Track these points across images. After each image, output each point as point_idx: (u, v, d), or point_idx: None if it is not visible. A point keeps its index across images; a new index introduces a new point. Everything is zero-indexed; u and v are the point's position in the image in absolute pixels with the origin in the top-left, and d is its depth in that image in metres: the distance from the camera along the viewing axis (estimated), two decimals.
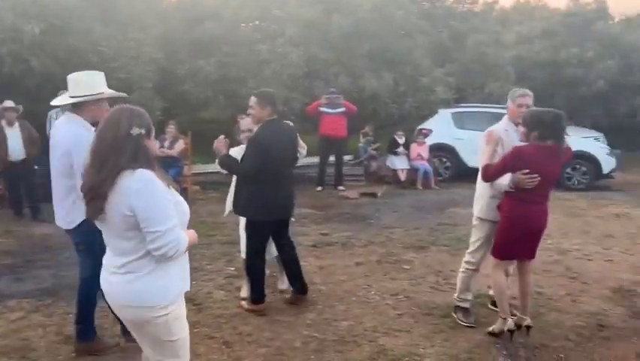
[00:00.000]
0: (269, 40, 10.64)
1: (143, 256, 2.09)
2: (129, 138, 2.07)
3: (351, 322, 3.97)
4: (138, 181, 2.03)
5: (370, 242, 6.25)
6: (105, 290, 2.24)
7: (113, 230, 2.11)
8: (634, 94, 15.30)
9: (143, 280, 2.10)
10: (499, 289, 3.77)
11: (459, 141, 10.90)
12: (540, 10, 18.75)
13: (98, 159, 2.07)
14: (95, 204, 2.06)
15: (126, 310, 2.19)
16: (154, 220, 2.02)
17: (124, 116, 2.10)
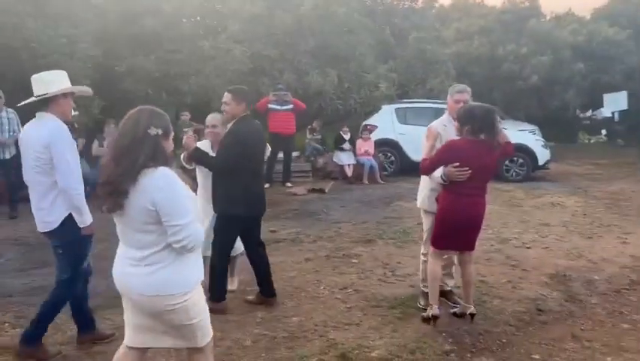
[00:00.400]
0: (211, 36, 10.47)
1: (163, 248, 2.22)
2: (147, 137, 2.20)
3: (302, 318, 3.98)
4: (160, 178, 2.17)
5: (319, 237, 6.29)
6: (122, 282, 2.32)
7: (133, 224, 2.23)
8: (565, 88, 16.12)
9: (164, 272, 2.23)
10: (432, 277, 3.88)
11: (402, 135, 11.13)
12: (477, 7, 19.40)
13: (117, 154, 2.20)
14: (114, 199, 2.18)
15: (146, 300, 2.26)
16: (175, 214, 2.17)
17: (143, 116, 2.25)
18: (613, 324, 3.96)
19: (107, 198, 2.20)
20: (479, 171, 3.62)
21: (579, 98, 16.72)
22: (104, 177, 2.23)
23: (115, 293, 4.12)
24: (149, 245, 2.23)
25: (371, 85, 11.45)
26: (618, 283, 4.79)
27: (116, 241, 2.41)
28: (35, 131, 3.17)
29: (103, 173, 2.25)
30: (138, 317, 2.36)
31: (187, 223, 2.18)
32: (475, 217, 3.76)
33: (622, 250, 5.73)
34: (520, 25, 16.81)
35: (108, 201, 2.20)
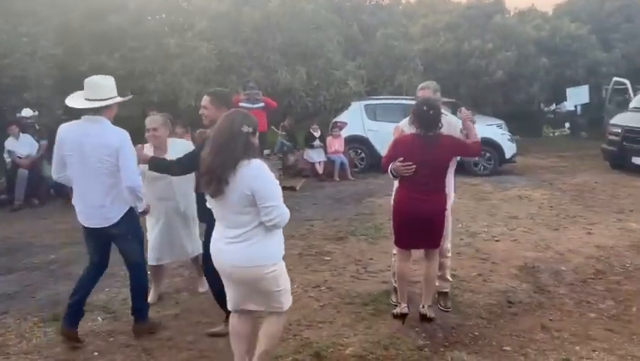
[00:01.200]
0: (177, 34, 10.32)
1: (256, 226, 2.65)
2: (241, 134, 2.62)
3: None
4: (255, 168, 2.61)
5: (291, 236, 6.22)
6: (220, 258, 2.75)
7: (232, 207, 2.64)
8: (530, 82, 16.45)
9: (257, 245, 2.66)
10: (399, 276, 3.92)
11: (372, 132, 11.17)
12: (443, 3, 19.61)
13: (215, 149, 2.62)
14: (216, 186, 2.59)
15: (243, 271, 2.69)
16: (269, 197, 2.60)
17: (237, 116, 2.71)
18: (580, 314, 4.06)
19: (209, 185, 2.63)
20: (423, 167, 3.64)
21: (543, 93, 17.08)
22: (204, 167, 2.65)
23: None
24: (245, 224, 2.65)
25: (340, 82, 11.46)
26: (584, 273, 4.91)
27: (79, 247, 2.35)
28: (104, 134, 3.37)
29: (203, 164, 2.66)
30: (234, 286, 2.81)
31: (278, 205, 2.63)
32: (426, 213, 3.70)
33: (587, 241, 5.88)
34: (485, 21, 17.06)
35: (211, 188, 2.62)
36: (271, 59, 10.90)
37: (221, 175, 2.57)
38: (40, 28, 9.56)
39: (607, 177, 9.93)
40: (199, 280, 4.45)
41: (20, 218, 7.45)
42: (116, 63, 9.99)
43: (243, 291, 2.81)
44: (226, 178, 2.57)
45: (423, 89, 4.08)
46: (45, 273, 5.03)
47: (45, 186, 8.35)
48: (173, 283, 4.69)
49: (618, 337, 3.68)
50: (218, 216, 2.75)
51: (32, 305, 4.22)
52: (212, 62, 10.14)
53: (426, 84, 4.15)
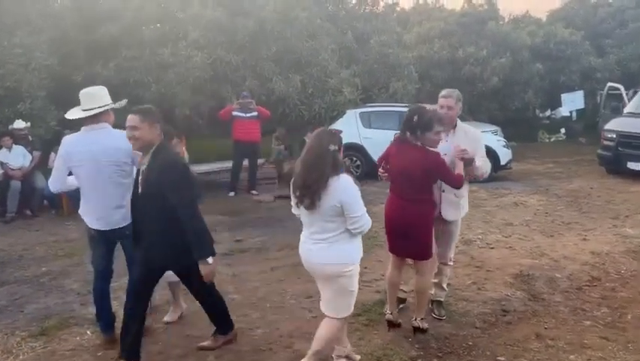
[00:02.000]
0: (171, 43, 10.29)
1: (342, 232, 3.01)
2: (328, 153, 2.96)
3: (266, 329, 3.91)
4: (344, 182, 2.97)
5: (286, 245, 6.20)
6: (309, 256, 3.10)
7: (321, 217, 3.00)
8: (524, 89, 16.48)
9: (340, 247, 3.03)
10: (387, 283, 3.92)
11: (367, 139, 11.17)
12: (437, 11, 19.65)
13: (307, 167, 2.99)
14: (310, 200, 2.95)
15: (327, 267, 3.05)
16: (355, 208, 2.97)
17: (325, 136, 3.06)
18: (575, 321, 4.03)
19: (303, 199, 2.99)
20: (400, 175, 3.64)
21: (538, 99, 17.10)
22: (299, 182, 3.01)
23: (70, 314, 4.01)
24: (331, 230, 3.01)
25: (335, 90, 11.43)
26: (579, 280, 4.89)
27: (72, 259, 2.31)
28: (115, 141, 3.48)
29: (297, 180, 3.03)
30: (318, 281, 3.20)
31: (362, 215, 2.99)
32: (402, 222, 3.62)
33: (582, 248, 5.85)
34: (479, 28, 17.11)
35: (305, 202, 2.98)
36: (265, 68, 10.87)
37: (315, 191, 2.92)
38: (33, 39, 9.52)
39: (602, 182, 9.92)
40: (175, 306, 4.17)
41: (12, 230, 7.39)
42: (111, 73, 9.95)
43: (322, 288, 3.19)
44: (319, 193, 2.92)
45: (445, 98, 3.88)
46: (35, 286, 4.98)
47: (38, 197, 8.30)
48: (164, 295, 4.63)
49: (613, 345, 3.65)
50: (307, 222, 3.11)
51: (21, 320, 4.17)
52: (207, 71, 10.10)
53: (448, 92, 3.92)
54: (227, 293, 4.61)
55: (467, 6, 18.31)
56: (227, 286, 4.79)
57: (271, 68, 10.91)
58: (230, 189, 9.79)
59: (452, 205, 3.90)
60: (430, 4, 20.44)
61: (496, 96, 16.39)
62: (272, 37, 10.86)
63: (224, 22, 10.51)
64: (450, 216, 3.91)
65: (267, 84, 10.78)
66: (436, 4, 20.30)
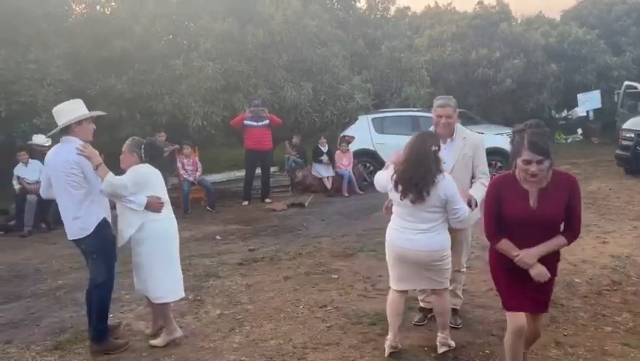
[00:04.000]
0: (183, 55, 10.38)
1: (442, 222, 3.40)
2: (431, 152, 3.28)
3: (280, 340, 3.87)
4: (447, 180, 3.32)
5: (299, 254, 6.18)
6: (408, 245, 3.39)
7: (426, 208, 3.32)
8: (539, 89, 16.31)
9: (439, 236, 3.40)
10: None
11: (380, 145, 11.12)
12: (449, 14, 19.59)
13: (413, 164, 3.28)
14: (416, 193, 3.27)
15: (427, 254, 3.38)
16: (457, 200, 3.36)
17: (427, 138, 3.37)
18: (595, 327, 3.92)
19: (409, 192, 3.29)
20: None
21: (554, 99, 16.92)
22: (403, 179, 3.29)
23: (84, 327, 4.02)
24: (433, 220, 3.36)
25: (346, 96, 11.42)
26: (599, 284, 4.77)
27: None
28: (64, 153, 3.68)
29: (402, 176, 3.31)
30: (406, 268, 3.47)
31: (462, 206, 3.38)
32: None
33: (601, 251, 5.72)
34: (491, 30, 17.00)
35: (410, 195, 3.28)
36: (277, 76, 10.91)
37: (422, 187, 3.24)
38: (48, 55, 9.68)
39: (621, 183, 9.74)
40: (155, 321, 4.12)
41: (29, 244, 7.47)
42: (124, 86, 10.07)
43: (417, 273, 3.46)
44: (427, 189, 3.25)
45: (443, 107, 3.71)
46: (51, 300, 5.01)
47: (54, 211, 8.37)
48: (178, 306, 4.63)
49: (636, 352, 3.54)
50: (407, 213, 3.39)
51: (36, 334, 4.18)
52: (219, 81, 10.17)
53: (445, 101, 3.75)
54: (241, 304, 4.60)
55: (479, 8, 18.21)
56: (241, 297, 4.78)
57: (282, 76, 10.94)
58: (244, 198, 9.80)
59: None
60: (442, 7, 20.37)
61: (510, 98, 16.25)
62: (282, 46, 10.90)
63: (235, 33, 10.57)
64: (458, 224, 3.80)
65: (279, 92, 10.82)
66: (447, 7, 20.22)
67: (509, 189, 2.91)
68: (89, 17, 11.37)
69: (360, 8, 14.27)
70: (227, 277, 5.39)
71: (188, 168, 9.31)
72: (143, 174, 3.78)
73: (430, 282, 3.51)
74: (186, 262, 5.92)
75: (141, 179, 3.74)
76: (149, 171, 3.85)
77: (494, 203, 2.96)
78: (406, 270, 3.49)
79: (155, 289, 3.79)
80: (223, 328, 4.13)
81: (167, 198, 3.93)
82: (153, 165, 3.92)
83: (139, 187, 3.71)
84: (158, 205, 3.78)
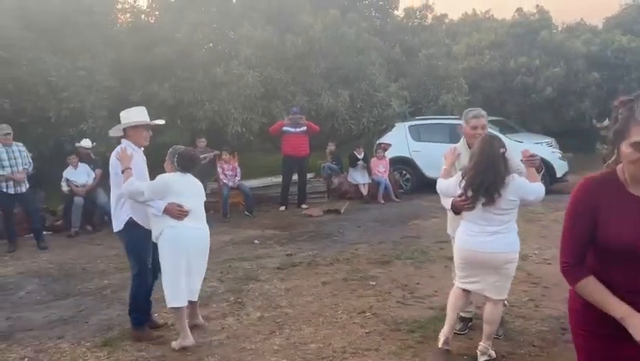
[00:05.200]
0: (224, 63, 10.61)
1: (511, 224, 3.47)
2: (500, 155, 3.33)
3: (320, 344, 3.93)
4: (517, 180, 3.38)
5: (336, 260, 6.24)
6: (481, 247, 3.43)
7: (497, 210, 3.38)
8: (580, 98, 15.96)
9: (510, 237, 3.46)
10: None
11: (417, 153, 11.11)
12: (487, 21, 19.41)
13: (483, 168, 3.32)
14: (490, 197, 3.32)
15: (499, 256, 3.43)
16: (529, 192, 3.43)
17: (495, 141, 3.41)
18: None
19: (480, 197, 3.35)
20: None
21: (595, 108, 16.50)
22: (476, 183, 3.33)
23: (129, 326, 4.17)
24: (504, 222, 3.42)
25: (383, 103, 11.46)
26: None
27: None
28: (113, 154, 4.09)
29: (473, 181, 3.35)
30: (473, 270, 3.53)
31: (536, 193, 3.45)
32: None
33: None
34: (531, 38, 16.74)
35: (484, 199, 3.34)
36: (314, 84, 11.04)
37: (493, 190, 3.30)
38: (95, 63, 10.04)
39: None
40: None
41: (76, 244, 7.76)
42: (166, 92, 10.35)
43: (484, 276, 3.50)
44: (498, 191, 3.31)
45: (477, 118, 3.75)
46: (98, 298, 5.20)
47: (99, 213, 8.68)
48: (220, 308, 4.75)
49: None
50: (479, 216, 3.43)
51: (86, 330, 4.36)
52: (258, 88, 10.36)
53: (478, 112, 3.80)
54: (281, 307, 4.69)
55: (518, 15, 17.97)
56: (280, 301, 4.86)
57: (320, 84, 11.06)
58: (281, 204, 9.92)
59: None
60: (479, 14, 20.19)
61: (550, 106, 15.95)
62: (320, 54, 11.02)
63: (274, 41, 10.76)
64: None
65: (316, 100, 10.94)
66: (485, 15, 20.03)
67: (611, 196, 1.85)
68: (133, 26, 11.75)
69: (398, 16, 14.33)
70: (267, 280, 5.49)
71: (228, 173, 9.51)
72: (163, 183, 3.92)
73: (494, 288, 3.52)
74: (226, 265, 6.07)
75: (161, 187, 3.89)
76: (174, 178, 3.97)
77: (583, 217, 1.89)
78: (473, 272, 3.55)
79: (166, 293, 3.90)
80: (263, 330, 4.22)
81: (196, 207, 3.98)
82: (190, 174, 4.07)
83: (160, 195, 3.87)
84: (177, 212, 3.85)
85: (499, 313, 3.60)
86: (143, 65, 10.89)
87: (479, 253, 3.46)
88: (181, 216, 3.87)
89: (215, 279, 5.46)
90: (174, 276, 3.86)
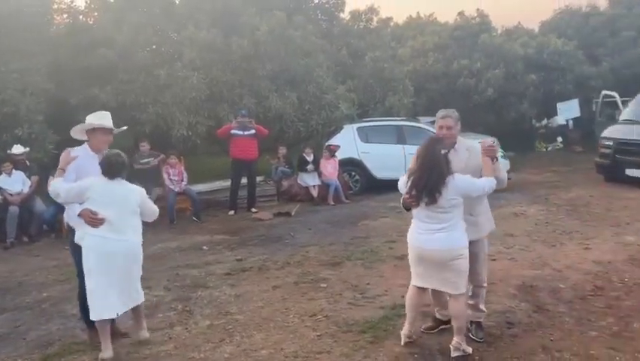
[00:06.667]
0: (167, 65, 10.36)
1: (456, 221, 3.56)
2: (441, 156, 3.50)
3: (271, 350, 3.87)
4: (457, 179, 3.51)
5: (287, 263, 6.19)
6: (426, 245, 3.59)
7: (438, 210, 3.51)
8: (519, 99, 16.58)
9: (455, 235, 3.55)
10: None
11: (365, 154, 11.22)
12: (431, 25, 19.85)
13: (426, 169, 3.50)
14: (432, 197, 3.47)
15: (444, 253, 3.53)
16: (474, 189, 3.58)
17: (436, 143, 3.60)
18: (581, 332, 3.99)
19: (423, 196, 3.50)
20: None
21: (534, 108, 17.19)
22: (418, 184, 3.51)
23: (71, 339, 3.98)
24: (447, 220, 3.53)
25: (331, 105, 11.50)
26: (583, 289, 4.86)
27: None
28: None
29: (418, 183, 3.51)
30: (425, 267, 3.66)
31: (482, 187, 3.58)
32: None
33: (585, 257, 5.83)
34: (472, 41, 17.26)
35: (427, 198, 3.49)
36: (262, 86, 10.94)
37: (434, 190, 3.45)
38: (30, 64, 9.59)
39: (601, 190, 9.93)
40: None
41: (12, 256, 7.36)
42: (108, 96, 10.00)
43: (436, 272, 3.63)
44: (439, 191, 3.45)
45: (444, 118, 3.81)
46: (36, 312, 4.94)
47: (37, 222, 8.28)
48: (167, 317, 4.61)
49: (621, 355, 3.61)
50: (424, 215, 3.59)
51: (23, 347, 4.12)
52: (203, 91, 10.17)
53: (446, 112, 3.86)
54: (231, 314, 4.59)
55: (460, 19, 18.48)
56: (230, 307, 4.77)
57: (267, 86, 10.98)
58: (230, 208, 9.77)
59: (470, 224, 3.73)
60: (423, 18, 20.63)
61: (491, 107, 16.47)
62: (267, 56, 10.94)
63: (219, 43, 10.59)
64: (470, 235, 3.73)
65: (264, 102, 10.85)
66: (429, 18, 20.48)
67: None
68: (71, 27, 11.29)
69: (344, 19, 14.40)
70: (216, 287, 5.37)
71: (174, 178, 9.27)
72: (81, 187, 3.82)
73: (447, 284, 3.63)
74: (173, 273, 5.91)
75: (78, 191, 3.80)
76: (96, 184, 3.83)
77: None
78: (425, 269, 3.67)
79: (89, 301, 3.82)
80: (213, 338, 4.11)
81: (117, 217, 3.81)
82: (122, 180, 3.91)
83: (77, 198, 3.82)
84: (88, 219, 3.75)
85: (461, 308, 3.65)
86: (83, 68, 10.48)
87: (426, 251, 3.61)
88: (93, 224, 3.75)
89: (162, 288, 5.30)
90: (97, 286, 3.76)
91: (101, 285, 3.75)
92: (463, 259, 3.58)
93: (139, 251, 3.94)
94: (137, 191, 3.99)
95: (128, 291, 3.89)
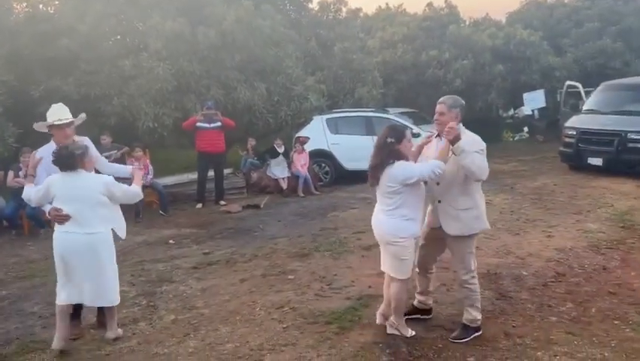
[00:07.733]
0: (132, 55, 10.13)
1: (397, 208, 3.66)
2: (386, 144, 3.67)
3: (236, 343, 3.85)
4: (395, 166, 3.63)
5: (255, 256, 6.15)
6: (374, 223, 3.84)
7: (381, 192, 3.72)
8: (487, 90, 16.81)
9: (393, 221, 3.68)
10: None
11: (335, 145, 11.21)
12: (400, 16, 19.90)
13: (374, 153, 3.74)
14: (375, 179, 3.70)
15: (385, 236, 3.73)
16: (412, 175, 3.60)
17: (388, 131, 3.75)
18: (542, 318, 4.08)
19: (371, 178, 3.74)
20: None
21: (501, 99, 17.45)
22: (370, 167, 3.75)
23: (30, 338, 3.88)
24: (390, 205, 3.68)
25: (300, 97, 11.44)
26: (544, 276, 4.97)
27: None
28: None
29: (370, 165, 3.75)
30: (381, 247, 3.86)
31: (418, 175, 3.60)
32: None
33: (547, 244, 5.96)
34: (441, 32, 17.40)
35: (370, 180, 3.75)
36: (230, 77, 10.80)
37: (375, 173, 3.68)
38: None
39: (565, 178, 10.15)
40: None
41: None
42: (70, 87, 9.73)
43: (383, 253, 3.83)
44: (378, 175, 3.66)
45: (439, 104, 3.88)
46: None
47: None
48: (131, 312, 4.53)
49: (579, 339, 3.71)
50: (377, 195, 3.80)
51: None
52: (169, 82, 9.98)
53: (443, 98, 3.93)
54: (196, 308, 4.54)
55: (428, 10, 18.59)
56: (196, 301, 4.72)
57: (236, 77, 10.85)
58: (197, 201, 9.66)
59: (451, 218, 3.72)
60: (393, 8, 20.67)
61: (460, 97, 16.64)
62: (235, 46, 10.79)
63: (186, 33, 10.40)
64: (451, 229, 3.73)
65: (232, 93, 10.72)
66: (398, 9, 20.53)
67: None
68: (31, 16, 10.92)
69: (313, 9, 14.32)
70: (182, 281, 5.31)
71: None
72: (44, 187, 3.82)
73: (386, 264, 3.81)
74: (138, 268, 5.81)
75: (43, 191, 3.81)
76: (54, 180, 3.81)
77: None
78: (381, 248, 3.87)
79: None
80: (177, 333, 4.06)
81: (76, 211, 3.73)
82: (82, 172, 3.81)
83: (45, 199, 3.84)
84: (54, 216, 3.76)
85: (396, 292, 3.74)
86: (44, 58, 10.16)
87: (374, 228, 3.86)
88: (60, 221, 3.72)
89: (126, 283, 5.20)
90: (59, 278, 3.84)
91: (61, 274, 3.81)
92: (399, 247, 3.66)
93: (105, 242, 3.83)
94: (100, 180, 3.85)
95: (96, 287, 3.79)
